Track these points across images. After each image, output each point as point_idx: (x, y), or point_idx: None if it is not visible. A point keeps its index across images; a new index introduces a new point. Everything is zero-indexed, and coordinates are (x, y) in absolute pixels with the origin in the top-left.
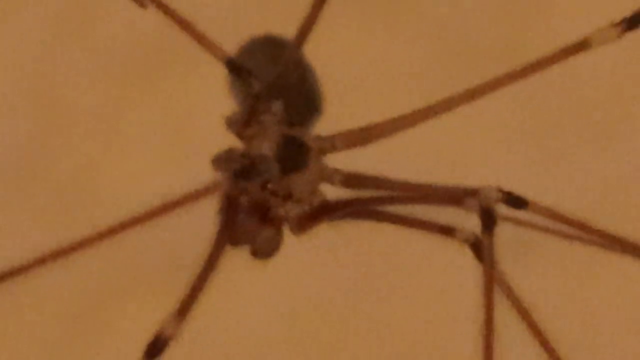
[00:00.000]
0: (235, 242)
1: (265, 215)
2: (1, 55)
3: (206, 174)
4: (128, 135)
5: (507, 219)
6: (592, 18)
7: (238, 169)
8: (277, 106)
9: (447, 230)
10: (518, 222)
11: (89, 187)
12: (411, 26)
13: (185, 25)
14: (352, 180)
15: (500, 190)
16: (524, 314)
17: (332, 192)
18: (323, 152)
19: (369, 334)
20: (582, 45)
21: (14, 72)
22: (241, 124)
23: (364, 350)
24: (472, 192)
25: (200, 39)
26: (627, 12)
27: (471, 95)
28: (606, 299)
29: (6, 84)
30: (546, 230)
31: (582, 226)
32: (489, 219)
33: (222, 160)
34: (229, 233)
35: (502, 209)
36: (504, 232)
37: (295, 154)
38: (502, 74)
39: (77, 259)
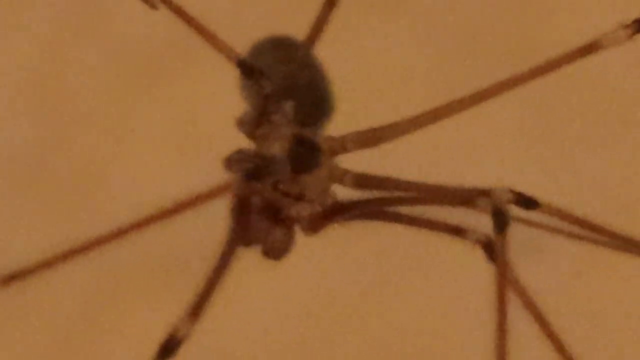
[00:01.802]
0: (247, 242)
1: (276, 216)
2: (11, 53)
3: (216, 174)
4: (138, 135)
5: (518, 219)
6: (602, 20)
7: (249, 170)
8: (288, 106)
9: (458, 231)
10: (529, 223)
11: (98, 186)
12: (422, 26)
13: (196, 25)
14: (363, 181)
15: (512, 191)
16: (536, 314)
17: (343, 192)
18: (334, 152)
19: (380, 334)
20: (592, 47)
21: (23, 71)
22: (252, 124)
23: (375, 351)
24: (484, 193)
25: (211, 39)
26: (638, 14)
27: (482, 96)
28: (617, 299)
29: (15, 83)
30: (557, 230)
31: (592, 227)
32: (501, 220)
33: (233, 161)
34: (241, 233)
35: (513, 210)
36: (514, 233)
37: (306, 155)
38: (513, 75)
39: (87, 259)
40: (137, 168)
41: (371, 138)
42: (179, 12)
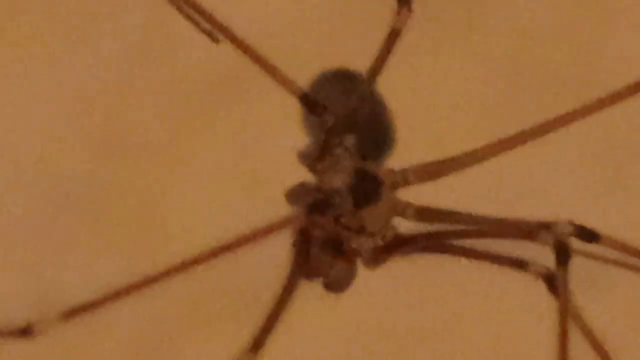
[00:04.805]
0: (309, 275)
1: (338, 249)
2: (71, 85)
3: (277, 207)
4: (198, 168)
5: (580, 252)
6: None
7: (312, 203)
8: (350, 140)
9: (519, 264)
10: (589, 256)
11: (157, 219)
12: (484, 60)
13: (258, 59)
14: (424, 214)
15: (573, 224)
16: (598, 347)
17: (404, 225)
18: (395, 185)
19: None
20: None
21: (83, 103)
22: (314, 157)
23: None
24: (545, 226)
25: (273, 72)
26: None
27: (543, 129)
28: None
29: (76, 115)
30: (618, 263)
31: None
32: (563, 253)
33: (295, 194)
34: (303, 266)
35: (574, 242)
36: (575, 265)
37: (367, 188)
38: (575, 107)
39: (147, 294)
40: (197, 201)
41: (433, 171)
42: (241, 46)
